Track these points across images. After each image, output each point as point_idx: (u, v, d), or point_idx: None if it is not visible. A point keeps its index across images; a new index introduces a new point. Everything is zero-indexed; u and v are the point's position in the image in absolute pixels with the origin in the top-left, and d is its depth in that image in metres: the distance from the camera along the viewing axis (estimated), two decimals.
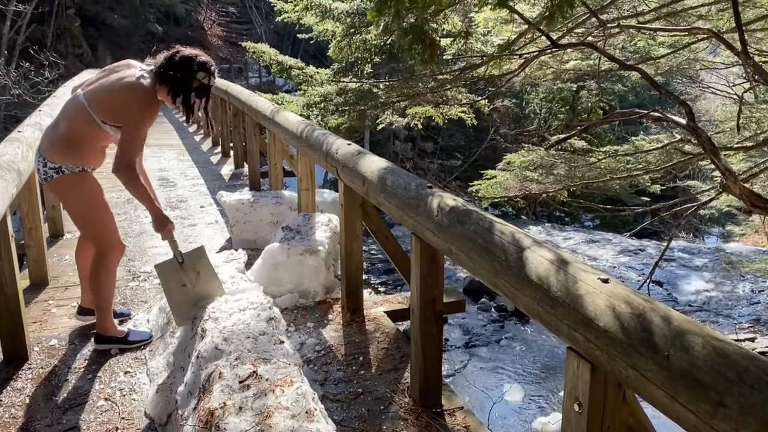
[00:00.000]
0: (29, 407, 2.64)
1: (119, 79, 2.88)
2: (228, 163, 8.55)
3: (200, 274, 2.83)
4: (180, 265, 2.84)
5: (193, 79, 2.88)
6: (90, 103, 2.85)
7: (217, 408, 1.89)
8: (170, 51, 2.93)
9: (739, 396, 1.13)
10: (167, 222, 2.94)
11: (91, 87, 2.93)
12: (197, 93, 2.93)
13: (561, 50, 4.86)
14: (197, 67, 2.88)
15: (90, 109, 2.85)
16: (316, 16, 6.32)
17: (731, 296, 9.29)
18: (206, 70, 2.90)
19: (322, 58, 15.37)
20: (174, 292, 2.78)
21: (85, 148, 2.91)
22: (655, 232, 14.53)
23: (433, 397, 2.66)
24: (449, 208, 2.29)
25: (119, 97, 2.84)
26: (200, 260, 2.87)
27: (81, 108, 2.87)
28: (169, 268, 2.84)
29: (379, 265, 10.16)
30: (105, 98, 2.86)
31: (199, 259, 2.87)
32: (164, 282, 2.82)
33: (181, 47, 2.97)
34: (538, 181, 6.27)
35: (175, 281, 2.80)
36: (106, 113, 2.85)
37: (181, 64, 2.86)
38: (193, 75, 2.87)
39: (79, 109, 2.88)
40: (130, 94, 2.83)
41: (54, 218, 5.01)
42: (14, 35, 15.87)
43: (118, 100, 2.84)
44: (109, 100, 2.85)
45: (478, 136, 18.89)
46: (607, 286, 1.52)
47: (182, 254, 2.87)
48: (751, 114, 6.19)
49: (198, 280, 2.81)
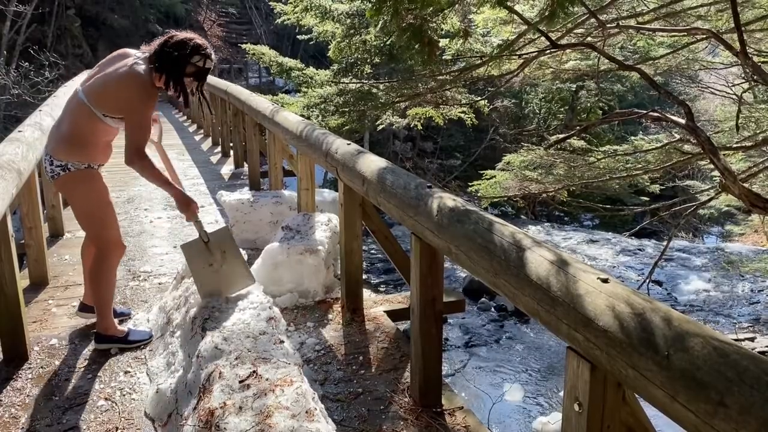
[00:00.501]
0: (29, 407, 2.64)
1: (115, 70, 2.87)
2: (228, 162, 8.55)
3: (226, 254, 2.86)
4: (206, 245, 2.85)
5: (187, 64, 2.83)
6: (89, 98, 2.85)
7: (217, 408, 1.89)
8: (164, 36, 2.89)
9: (739, 396, 1.13)
10: (190, 202, 2.94)
11: (90, 82, 2.92)
12: (194, 77, 2.89)
13: (560, 50, 4.86)
14: (191, 51, 2.83)
15: (90, 103, 2.84)
16: (316, 17, 6.32)
17: (731, 296, 9.30)
18: (201, 53, 2.85)
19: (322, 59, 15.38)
20: (201, 272, 2.81)
21: (89, 144, 2.91)
22: (655, 231, 14.54)
23: (433, 396, 2.66)
24: (449, 207, 2.29)
25: (117, 87, 2.82)
26: (225, 240, 2.90)
27: (81, 104, 2.87)
28: (195, 248, 2.86)
29: (379, 265, 10.16)
30: (103, 91, 2.85)
31: (224, 239, 2.91)
32: (190, 262, 2.84)
33: (175, 31, 2.93)
34: (538, 180, 6.27)
35: (201, 261, 2.83)
36: (105, 106, 2.84)
37: (174, 49, 2.81)
38: (187, 59, 2.83)
39: (79, 105, 2.88)
40: (126, 83, 2.80)
41: (54, 218, 5.01)
42: (14, 35, 15.85)
43: (116, 90, 2.83)
44: (107, 92, 2.84)
45: (478, 136, 18.90)
46: (606, 286, 1.52)
47: (207, 234, 2.88)
48: (750, 114, 6.19)
49: (224, 260, 2.83)
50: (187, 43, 2.83)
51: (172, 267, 4.32)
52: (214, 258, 2.83)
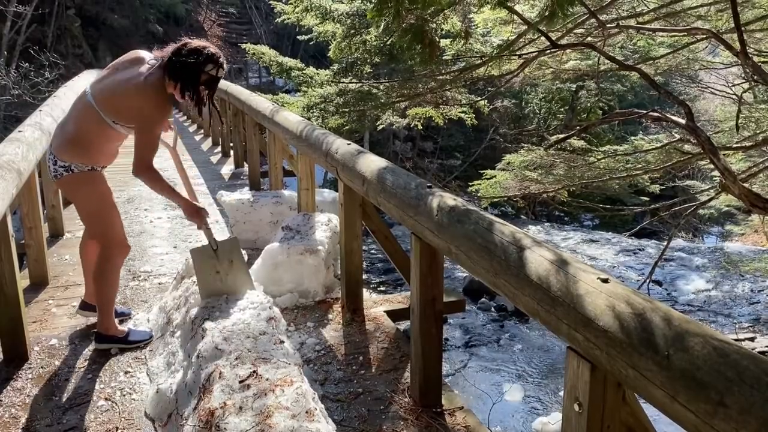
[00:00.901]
0: (29, 407, 2.64)
1: (128, 80, 2.83)
2: (228, 162, 8.55)
3: (233, 264, 2.87)
4: (214, 253, 2.86)
5: (201, 72, 2.81)
6: (99, 103, 2.83)
7: (217, 408, 1.89)
8: (178, 43, 2.86)
9: (739, 396, 1.13)
10: (199, 210, 2.95)
11: (100, 85, 2.89)
12: (206, 85, 2.86)
13: (560, 50, 4.86)
14: (206, 59, 2.81)
15: (99, 108, 2.82)
16: (316, 17, 6.32)
17: (731, 296, 9.30)
18: (215, 62, 2.83)
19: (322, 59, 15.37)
20: (206, 279, 2.82)
21: (94, 147, 2.90)
22: (655, 231, 14.54)
23: (433, 396, 2.66)
24: (449, 207, 2.29)
25: (130, 98, 2.80)
26: (234, 251, 2.91)
27: (90, 107, 2.85)
28: (204, 255, 2.88)
29: (379, 265, 10.16)
30: (115, 99, 2.83)
31: (232, 249, 2.92)
32: (198, 267, 2.85)
33: (189, 39, 2.91)
34: (538, 180, 6.27)
35: (208, 268, 2.84)
36: (117, 114, 2.83)
37: (189, 57, 2.79)
38: (201, 68, 2.80)
39: (87, 108, 2.86)
40: (140, 95, 2.78)
41: (54, 218, 5.01)
42: (14, 36, 15.85)
43: (128, 101, 2.80)
44: (119, 101, 2.82)
45: (478, 136, 18.91)
46: (606, 286, 1.52)
47: (217, 242, 2.89)
48: (750, 114, 6.20)
49: (231, 270, 2.85)
50: (201, 51, 2.81)
51: (172, 267, 4.32)
52: (221, 266, 2.84)
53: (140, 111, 2.78)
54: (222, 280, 2.81)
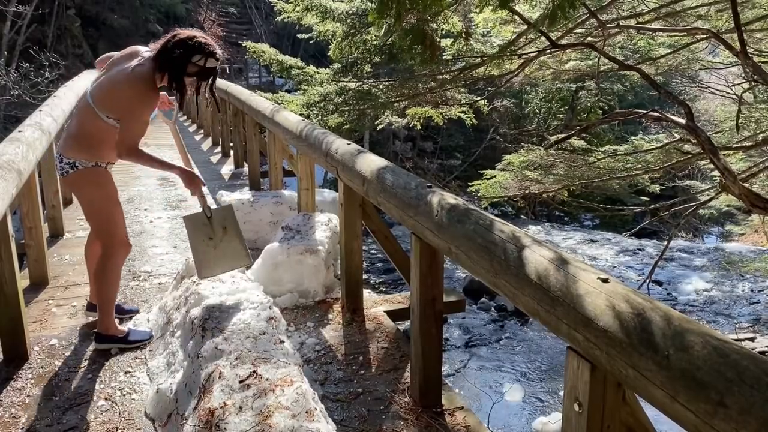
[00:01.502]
0: (29, 407, 2.64)
1: (117, 72, 2.87)
2: (228, 162, 8.55)
3: (227, 231, 2.88)
4: (208, 220, 2.86)
5: (188, 63, 2.78)
6: (94, 100, 2.87)
7: (217, 408, 1.89)
8: (168, 35, 2.85)
9: (739, 396, 1.13)
10: (194, 177, 2.96)
11: (96, 83, 2.95)
12: (198, 76, 2.83)
13: (560, 50, 4.86)
14: (192, 50, 2.77)
15: (94, 105, 2.86)
16: (316, 16, 6.31)
17: (731, 296, 9.30)
18: (202, 52, 2.78)
19: (322, 58, 15.36)
20: (199, 245, 2.84)
21: (95, 144, 2.92)
22: (655, 231, 14.54)
23: (433, 396, 2.66)
24: (449, 207, 2.29)
25: (116, 89, 2.83)
26: (228, 218, 2.92)
27: (87, 105, 2.89)
28: (197, 222, 2.89)
29: (379, 265, 10.16)
30: (104, 93, 2.86)
31: (227, 216, 2.94)
32: (191, 234, 2.87)
33: (179, 30, 2.88)
34: (538, 180, 6.27)
35: (202, 234, 2.85)
36: (106, 108, 2.85)
37: (175, 48, 2.77)
38: (188, 58, 2.77)
39: (85, 106, 2.91)
40: (125, 86, 2.81)
41: (54, 218, 5.01)
42: (14, 36, 15.86)
43: (115, 92, 2.83)
44: (108, 94, 2.85)
45: (478, 135, 18.91)
46: (606, 286, 1.52)
47: (211, 209, 2.90)
48: (750, 114, 6.19)
49: (224, 237, 2.85)
50: (187, 41, 2.78)
51: (172, 267, 4.32)
52: (214, 233, 2.85)
53: (124, 103, 2.80)
54: (215, 247, 2.81)
